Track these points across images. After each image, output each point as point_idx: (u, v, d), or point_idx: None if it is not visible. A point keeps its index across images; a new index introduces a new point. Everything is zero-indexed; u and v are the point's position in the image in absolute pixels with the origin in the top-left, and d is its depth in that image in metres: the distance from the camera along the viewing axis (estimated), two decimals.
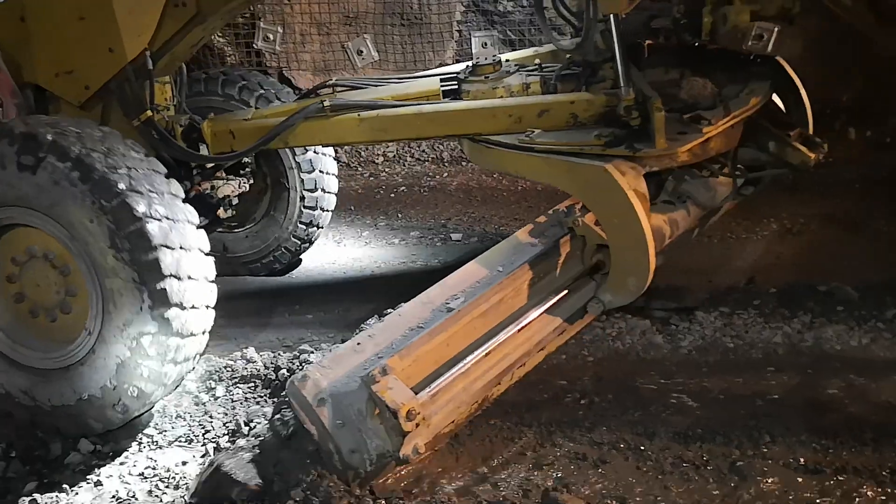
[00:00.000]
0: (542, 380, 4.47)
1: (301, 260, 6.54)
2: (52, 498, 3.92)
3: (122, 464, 4.14)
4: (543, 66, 4.69)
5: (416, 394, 3.36)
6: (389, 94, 4.76)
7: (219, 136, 4.88)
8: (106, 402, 4.15)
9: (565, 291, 4.05)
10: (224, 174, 5.42)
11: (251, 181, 5.62)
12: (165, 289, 3.98)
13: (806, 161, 4.35)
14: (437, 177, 8.60)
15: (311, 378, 3.42)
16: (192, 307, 4.12)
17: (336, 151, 8.56)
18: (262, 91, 5.70)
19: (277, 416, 3.65)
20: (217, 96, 5.65)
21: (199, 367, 4.89)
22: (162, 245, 4.00)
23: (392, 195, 8.26)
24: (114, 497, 3.86)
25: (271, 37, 8.80)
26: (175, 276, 4.02)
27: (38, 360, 4.32)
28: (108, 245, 3.98)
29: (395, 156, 8.99)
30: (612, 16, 3.97)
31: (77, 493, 3.94)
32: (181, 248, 4.09)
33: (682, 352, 4.73)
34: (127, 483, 3.97)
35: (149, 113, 4.66)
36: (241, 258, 6.18)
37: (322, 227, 6.28)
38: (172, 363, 4.12)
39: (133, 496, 3.86)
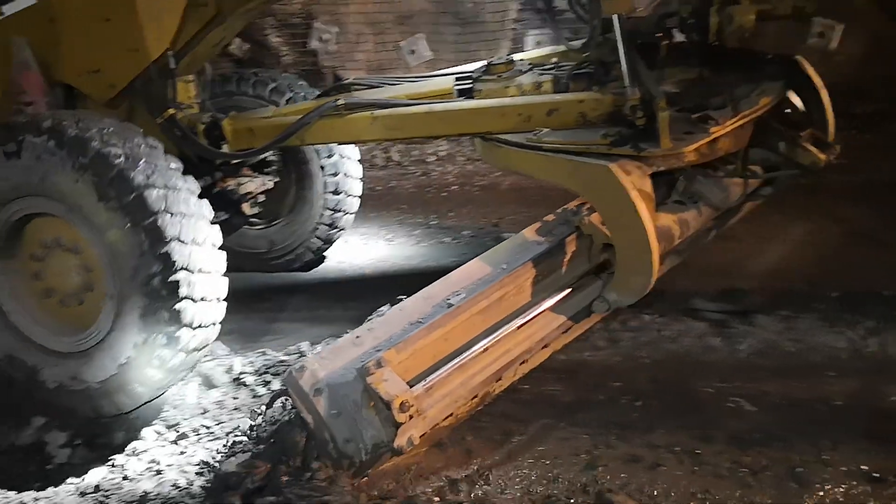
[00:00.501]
0: (597, 381, 4.47)
1: (325, 258, 6.60)
2: (114, 484, 4.05)
3: (181, 453, 4.23)
4: (559, 64, 4.67)
5: (412, 387, 3.39)
6: (404, 92, 4.81)
7: (238, 133, 4.99)
8: (143, 360, 4.29)
9: (569, 290, 4.03)
10: (250, 171, 5.52)
11: (276, 179, 5.70)
12: (158, 223, 4.12)
13: (816, 162, 4.27)
14: (489, 176, 8.58)
15: (308, 368, 3.47)
16: (194, 241, 4.24)
17: (386, 150, 8.71)
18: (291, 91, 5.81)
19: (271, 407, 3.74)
20: (248, 97, 5.78)
21: (257, 361, 5.01)
22: (145, 185, 4.15)
23: (444, 194, 8.29)
24: (173, 486, 3.94)
25: (326, 37, 8.90)
26: (166, 211, 4.16)
27: (78, 344, 4.50)
28: (98, 198, 4.17)
29: (446, 154, 9.00)
30: (615, 16, 3.95)
31: (139, 481, 4.04)
32: (166, 186, 4.23)
33: (741, 355, 4.67)
34: (185, 472, 4.05)
35: (171, 111, 4.81)
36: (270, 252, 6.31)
37: (345, 228, 6.35)
38: (189, 300, 4.22)
39: (191, 484, 3.94)
